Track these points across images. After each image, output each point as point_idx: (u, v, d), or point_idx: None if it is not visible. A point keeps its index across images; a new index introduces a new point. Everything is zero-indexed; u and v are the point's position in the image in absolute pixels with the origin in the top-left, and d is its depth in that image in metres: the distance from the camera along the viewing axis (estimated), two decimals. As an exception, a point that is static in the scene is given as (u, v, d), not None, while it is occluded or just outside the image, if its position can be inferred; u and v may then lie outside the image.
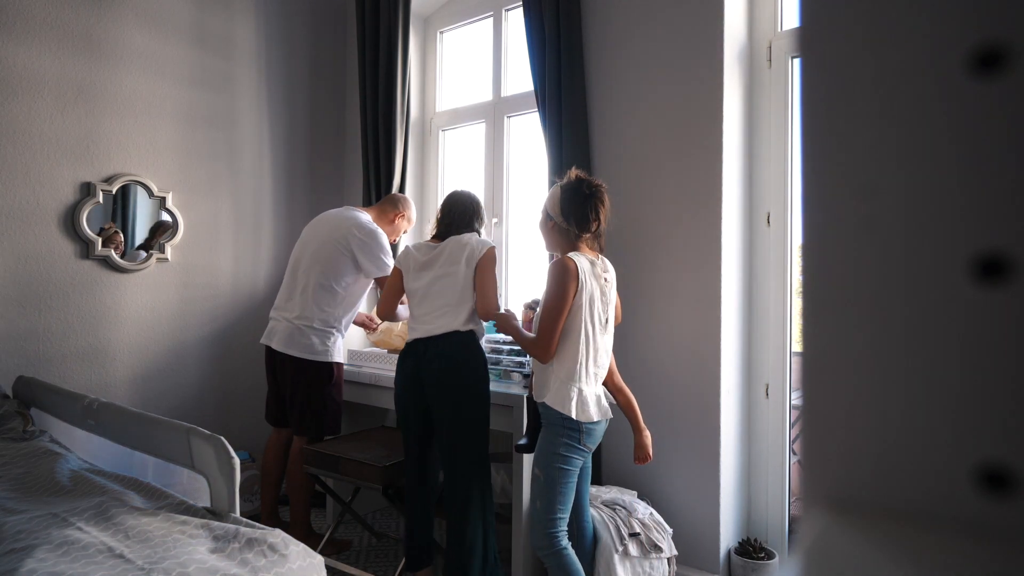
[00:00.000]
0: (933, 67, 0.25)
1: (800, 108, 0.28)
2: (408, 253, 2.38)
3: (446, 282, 2.27)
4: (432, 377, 2.23)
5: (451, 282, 2.26)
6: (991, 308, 0.24)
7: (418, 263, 2.34)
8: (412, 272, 2.35)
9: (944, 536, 0.26)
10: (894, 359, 0.27)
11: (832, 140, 0.28)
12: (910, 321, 0.26)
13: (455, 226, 2.38)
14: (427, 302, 2.29)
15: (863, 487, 0.28)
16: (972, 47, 0.24)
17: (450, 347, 2.22)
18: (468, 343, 2.24)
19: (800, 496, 0.30)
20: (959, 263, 0.25)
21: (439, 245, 2.35)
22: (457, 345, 2.22)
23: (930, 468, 0.26)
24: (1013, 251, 0.24)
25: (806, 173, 0.28)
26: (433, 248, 2.35)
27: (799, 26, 0.29)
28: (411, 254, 2.37)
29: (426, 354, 2.24)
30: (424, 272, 2.33)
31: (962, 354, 0.25)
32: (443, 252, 2.32)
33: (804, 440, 0.29)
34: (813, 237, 0.28)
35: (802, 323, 0.29)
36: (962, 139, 0.25)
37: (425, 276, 2.32)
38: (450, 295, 2.26)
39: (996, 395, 0.25)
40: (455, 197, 2.45)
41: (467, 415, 2.21)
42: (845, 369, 0.28)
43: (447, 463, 2.25)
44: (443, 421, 2.23)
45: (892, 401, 0.27)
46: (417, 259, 2.34)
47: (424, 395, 2.26)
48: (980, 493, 0.25)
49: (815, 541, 0.27)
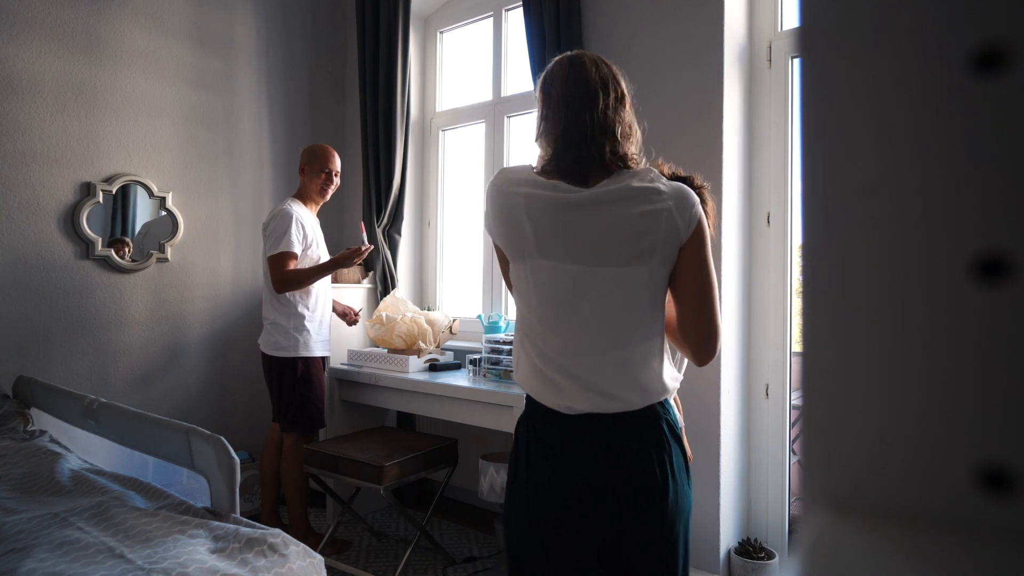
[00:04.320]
0: (933, 67, 0.25)
1: (800, 108, 0.28)
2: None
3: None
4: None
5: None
6: (991, 308, 0.24)
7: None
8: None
9: (944, 536, 0.26)
10: (894, 359, 0.27)
11: (832, 140, 0.28)
12: (910, 321, 0.26)
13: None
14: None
15: (863, 487, 0.28)
16: (972, 47, 0.24)
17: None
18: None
19: (800, 496, 0.30)
20: (959, 263, 0.25)
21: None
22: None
23: (930, 468, 0.26)
24: (1013, 251, 0.24)
25: (806, 173, 0.28)
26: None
27: (799, 26, 0.29)
28: None
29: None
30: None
31: (962, 354, 0.25)
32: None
33: (804, 440, 0.29)
34: (813, 237, 0.28)
35: (802, 323, 0.29)
36: (962, 139, 0.25)
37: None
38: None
39: (996, 395, 0.25)
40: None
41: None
42: (845, 369, 0.28)
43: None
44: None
45: (892, 401, 0.27)
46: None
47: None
48: (980, 493, 0.25)
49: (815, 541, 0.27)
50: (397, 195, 3.43)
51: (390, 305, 3.07)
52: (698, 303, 1.17)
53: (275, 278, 2.66)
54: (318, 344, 2.79)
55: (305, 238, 2.72)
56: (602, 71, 1.24)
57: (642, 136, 1.28)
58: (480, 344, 2.90)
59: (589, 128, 1.19)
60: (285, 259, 2.64)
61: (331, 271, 2.80)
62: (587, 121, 1.19)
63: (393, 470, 2.42)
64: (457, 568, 2.68)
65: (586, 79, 1.22)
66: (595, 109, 1.20)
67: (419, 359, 2.91)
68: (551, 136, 1.22)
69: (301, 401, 2.74)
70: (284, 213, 2.70)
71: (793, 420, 2.53)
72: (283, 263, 2.64)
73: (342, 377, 3.05)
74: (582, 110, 1.20)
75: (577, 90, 1.21)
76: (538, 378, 1.20)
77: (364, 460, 2.44)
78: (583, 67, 1.23)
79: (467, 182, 3.60)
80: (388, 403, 2.97)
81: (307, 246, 2.74)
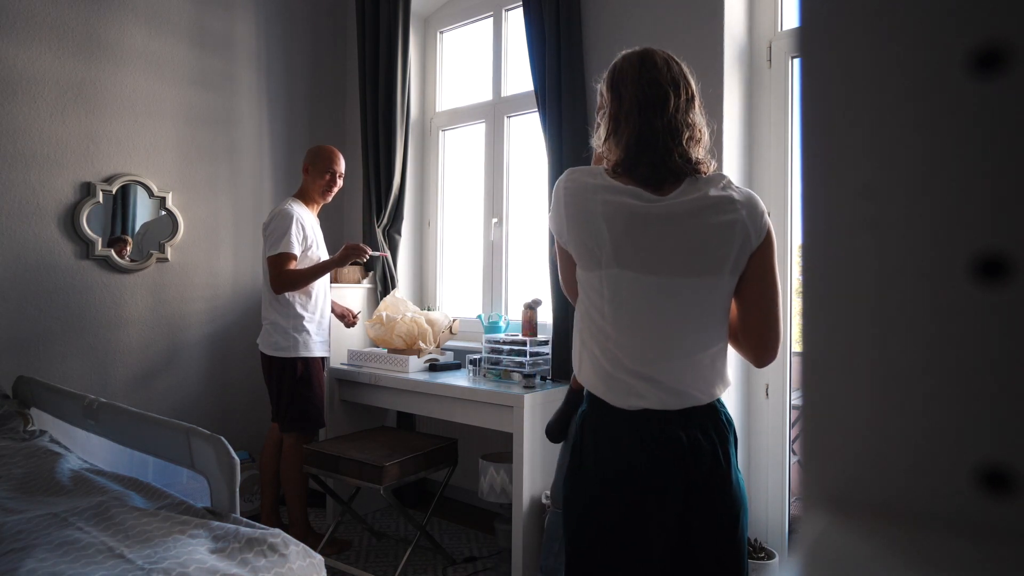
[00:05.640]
0: (933, 67, 0.25)
1: (800, 108, 0.28)
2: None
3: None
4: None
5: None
6: (991, 308, 0.24)
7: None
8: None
9: (944, 536, 0.26)
10: (894, 359, 0.27)
11: (832, 140, 0.28)
12: (910, 321, 0.26)
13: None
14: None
15: (863, 487, 0.28)
16: (972, 47, 0.24)
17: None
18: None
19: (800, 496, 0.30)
20: (959, 263, 0.25)
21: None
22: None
23: (930, 468, 0.26)
24: (1013, 251, 0.24)
25: (806, 173, 0.28)
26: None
27: (799, 26, 0.29)
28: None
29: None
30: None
31: (962, 354, 0.25)
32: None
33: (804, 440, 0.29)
34: (813, 237, 0.28)
35: (802, 323, 0.29)
36: (962, 139, 0.25)
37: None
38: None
39: (996, 395, 0.25)
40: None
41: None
42: (845, 369, 0.28)
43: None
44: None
45: (892, 401, 0.27)
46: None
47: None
48: (980, 493, 0.25)
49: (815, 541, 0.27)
50: (397, 195, 3.43)
51: (390, 305, 3.07)
52: (764, 308, 1.23)
53: (274, 278, 2.66)
54: (318, 344, 2.79)
55: (305, 239, 2.72)
56: (673, 71, 1.21)
57: (710, 137, 1.26)
58: (480, 344, 2.90)
59: (662, 133, 1.17)
60: (284, 260, 2.64)
61: (329, 270, 2.80)
62: (660, 126, 1.18)
63: (393, 470, 2.42)
64: (457, 568, 2.68)
65: (659, 81, 1.19)
66: (667, 112, 1.18)
67: (419, 359, 2.91)
68: (622, 139, 1.20)
69: (301, 401, 2.74)
70: (285, 213, 2.70)
71: (793, 420, 2.53)
72: (282, 264, 2.64)
73: (342, 377, 3.05)
74: (655, 114, 1.18)
75: (651, 92, 1.19)
76: (607, 380, 1.21)
77: (364, 460, 2.44)
78: (655, 67, 1.21)
79: (467, 182, 3.59)
80: (388, 403, 2.97)
81: (307, 247, 2.74)
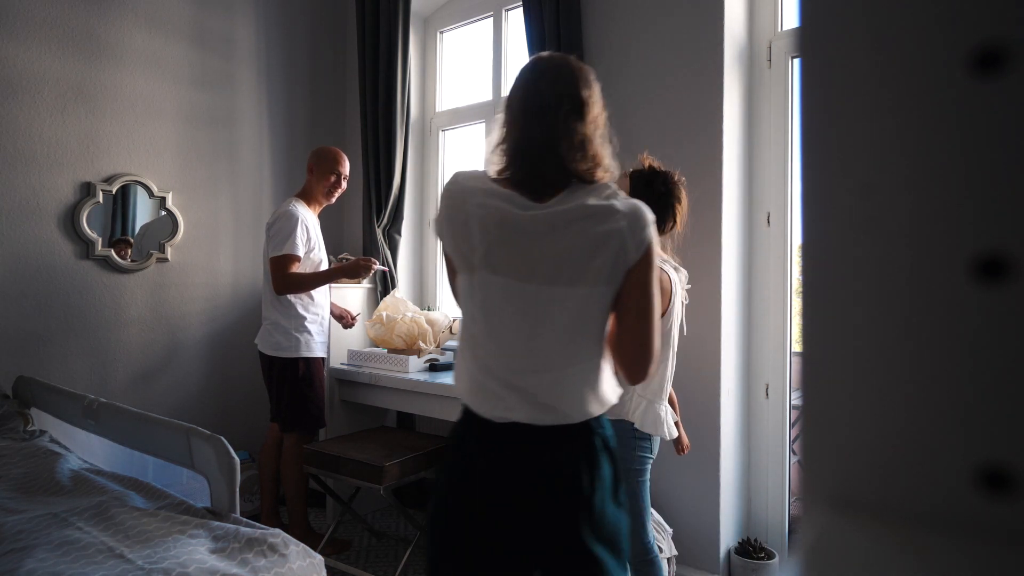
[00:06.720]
0: (933, 67, 0.25)
1: (800, 108, 0.28)
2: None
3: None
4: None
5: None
6: (991, 308, 0.24)
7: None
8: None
9: (944, 536, 0.26)
10: (894, 359, 0.27)
11: (832, 140, 0.28)
12: (910, 321, 0.26)
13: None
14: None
15: (863, 487, 0.28)
16: (972, 47, 0.24)
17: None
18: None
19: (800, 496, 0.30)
20: (959, 263, 0.25)
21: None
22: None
23: (930, 468, 0.26)
24: (1013, 251, 0.24)
25: (806, 173, 0.28)
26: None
27: (799, 26, 0.29)
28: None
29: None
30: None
31: (962, 354, 0.25)
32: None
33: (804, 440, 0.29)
34: (813, 237, 0.28)
35: (802, 323, 0.29)
36: (962, 139, 0.25)
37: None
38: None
39: (996, 395, 0.25)
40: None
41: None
42: (845, 369, 0.28)
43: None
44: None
45: (892, 401, 0.27)
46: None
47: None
48: (980, 493, 0.25)
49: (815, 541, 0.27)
50: (397, 195, 3.43)
51: (390, 305, 3.07)
52: (635, 326, 1.16)
53: (277, 280, 2.65)
54: (319, 345, 2.80)
55: (308, 240, 2.73)
56: (564, 78, 1.19)
57: (614, 143, 1.24)
58: (480, 344, 2.89)
59: (539, 142, 1.16)
60: (288, 261, 2.64)
61: (334, 280, 2.81)
62: (538, 134, 1.16)
63: (393, 470, 2.42)
64: (457, 568, 2.68)
65: (542, 90, 1.18)
66: (545, 120, 1.17)
67: (419, 359, 2.91)
68: (507, 147, 1.20)
69: (302, 401, 2.74)
70: (289, 214, 2.70)
71: (793, 420, 2.53)
72: (286, 265, 2.64)
73: (342, 377, 3.05)
74: (535, 122, 1.17)
75: (534, 100, 1.18)
76: (476, 389, 1.18)
77: (364, 460, 2.44)
78: (542, 75, 1.20)
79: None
80: (388, 403, 2.97)
81: (310, 248, 2.74)
